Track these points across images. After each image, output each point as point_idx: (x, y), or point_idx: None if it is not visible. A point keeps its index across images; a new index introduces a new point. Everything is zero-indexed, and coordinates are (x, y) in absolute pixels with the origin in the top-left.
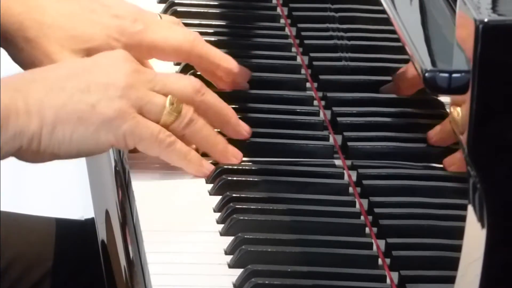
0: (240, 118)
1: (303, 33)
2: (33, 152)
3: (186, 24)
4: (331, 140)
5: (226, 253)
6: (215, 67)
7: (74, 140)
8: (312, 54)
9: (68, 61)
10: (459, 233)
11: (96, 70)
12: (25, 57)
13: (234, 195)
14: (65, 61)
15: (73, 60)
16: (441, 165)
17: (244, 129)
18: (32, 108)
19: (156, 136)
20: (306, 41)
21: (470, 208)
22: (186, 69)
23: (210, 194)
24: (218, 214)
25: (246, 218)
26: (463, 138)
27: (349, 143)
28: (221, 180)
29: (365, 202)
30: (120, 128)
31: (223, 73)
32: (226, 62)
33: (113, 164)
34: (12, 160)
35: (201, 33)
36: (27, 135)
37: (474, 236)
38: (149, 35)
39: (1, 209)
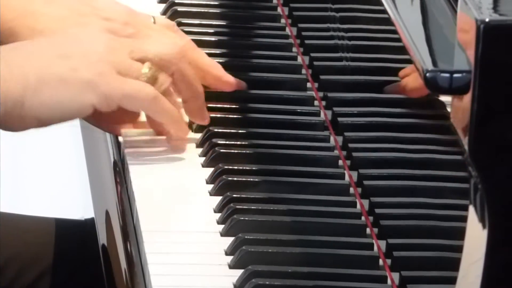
0: (240, 118)
1: (303, 33)
2: (17, 117)
3: (186, 24)
4: (332, 140)
5: (227, 253)
6: (204, 74)
7: (56, 102)
8: (312, 54)
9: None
10: (460, 234)
11: (75, 39)
12: None
13: (234, 195)
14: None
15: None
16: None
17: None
18: (15, 72)
19: (140, 89)
20: (306, 41)
21: (471, 208)
22: None
23: (211, 195)
24: (219, 214)
25: (246, 218)
26: (464, 138)
27: (350, 144)
28: (222, 180)
29: (366, 202)
30: (102, 88)
31: (212, 80)
32: (215, 69)
33: (113, 164)
34: (12, 160)
35: (201, 33)
36: (11, 98)
37: (475, 237)
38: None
39: (1, 210)
